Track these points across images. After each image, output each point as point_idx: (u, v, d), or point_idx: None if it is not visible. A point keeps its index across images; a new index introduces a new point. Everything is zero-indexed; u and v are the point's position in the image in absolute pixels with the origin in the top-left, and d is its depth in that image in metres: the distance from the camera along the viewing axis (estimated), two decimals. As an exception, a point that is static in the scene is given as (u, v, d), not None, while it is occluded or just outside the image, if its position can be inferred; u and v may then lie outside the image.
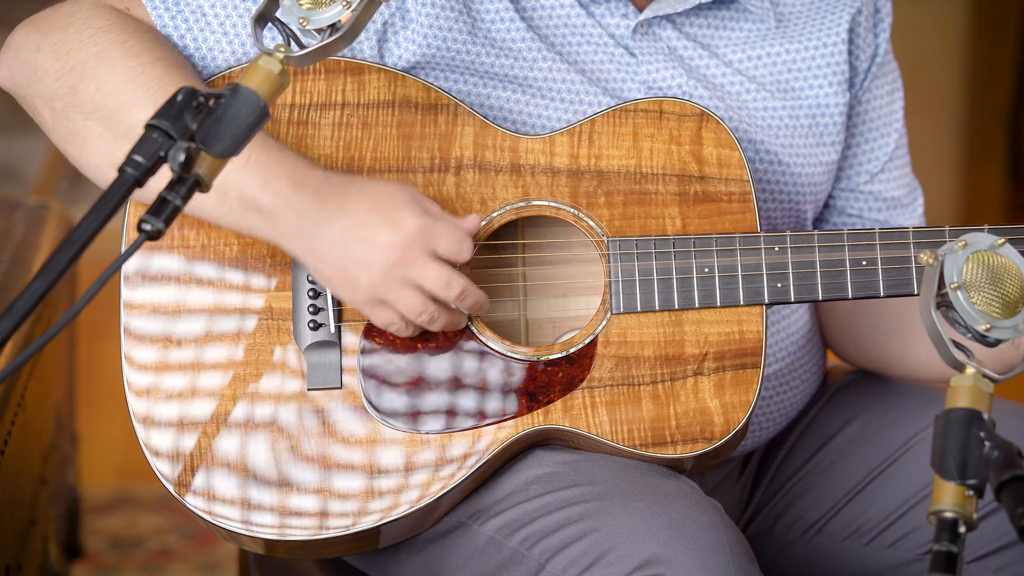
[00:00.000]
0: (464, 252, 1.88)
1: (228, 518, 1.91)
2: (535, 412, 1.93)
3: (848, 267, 1.94)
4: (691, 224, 1.96)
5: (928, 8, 5.26)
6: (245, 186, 1.86)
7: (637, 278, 1.94)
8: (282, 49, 1.67)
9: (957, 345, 1.57)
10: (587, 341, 1.94)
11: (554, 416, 1.93)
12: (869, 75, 2.16)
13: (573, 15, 2.05)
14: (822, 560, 2.18)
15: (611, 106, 1.99)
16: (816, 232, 1.95)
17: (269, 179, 1.86)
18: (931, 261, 1.62)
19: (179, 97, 1.58)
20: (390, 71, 1.98)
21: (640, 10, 2.06)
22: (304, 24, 1.72)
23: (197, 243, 1.95)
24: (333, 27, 1.72)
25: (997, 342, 1.61)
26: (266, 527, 1.91)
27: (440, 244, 1.87)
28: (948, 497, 1.48)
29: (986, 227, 1.94)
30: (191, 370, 1.93)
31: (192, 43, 1.98)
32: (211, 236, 1.95)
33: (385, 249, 1.85)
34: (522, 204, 1.97)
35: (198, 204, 1.85)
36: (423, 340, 1.94)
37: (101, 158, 1.91)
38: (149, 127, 1.56)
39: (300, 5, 1.71)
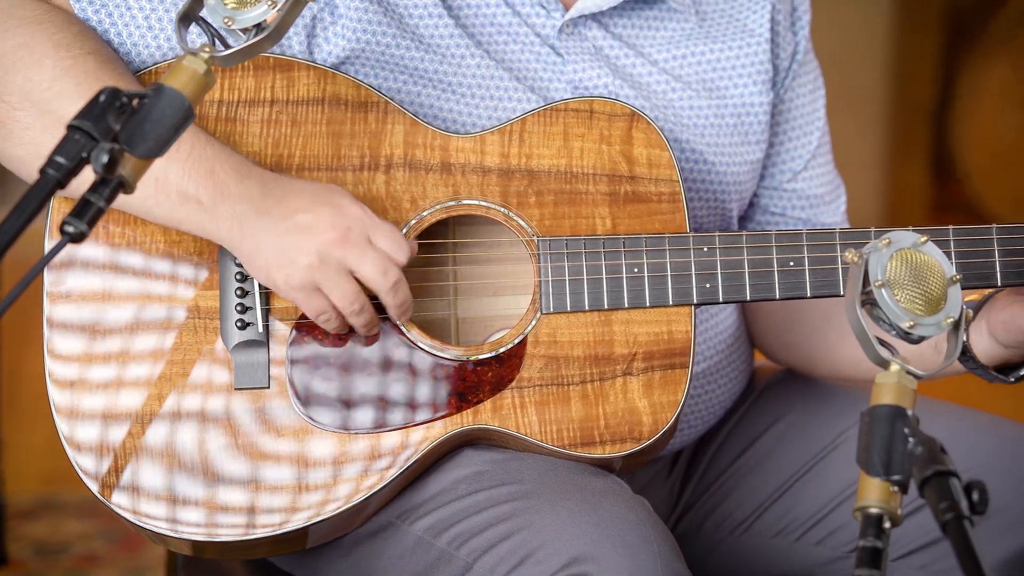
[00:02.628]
0: (401, 253, 1.88)
1: (155, 520, 1.89)
2: (464, 412, 1.93)
3: (776, 267, 1.95)
4: (621, 224, 1.96)
5: (851, 7, 5.31)
6: (187, 176, 1.85)
7: (567, 278, 1.95)
8: (207, 49, 1.65)
9: (882, 342, 1.58)
10: (517, 341, 1.94)
11: (483, 416, 1.93)
12: (790, 73, 2.18)
13: (499, 14, 2.05)
14: (751, 558, 2.19)
15: (542, 105, 1.99)
16: (745, 233, 1.96)
17: (214, 169, 1.85)
18: (856, 259, 1.63)
19: (102, 98, 1.56)
20: (320, 68, 1.97)
21: (567, 9, 2.06)
22: (229, 24, 1.70)
23: (123, 239, 1.93)
24: (259, 27, 1.71)
25: (921, 339, 1.63)
26: (193, 528, 1.89)
27: (379, 236, 1.87)
28: (873, 493, 1.49)
29: (910, 228, 1.96)
30: (116, 369, 1.91)
31: (116, 37, 1.96)
32: (137, 232, 1.93)
33: (327, 229, 1.84)
34: (452, 203, 1.96)
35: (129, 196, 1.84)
36: (352, 339, 1.93)
37: (27, 149, 1.88)
38: (71, 128, 1.54)
39: (225, 5, 1.70)
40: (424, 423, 1.93)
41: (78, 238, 1.53)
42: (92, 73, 1.87)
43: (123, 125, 1.57)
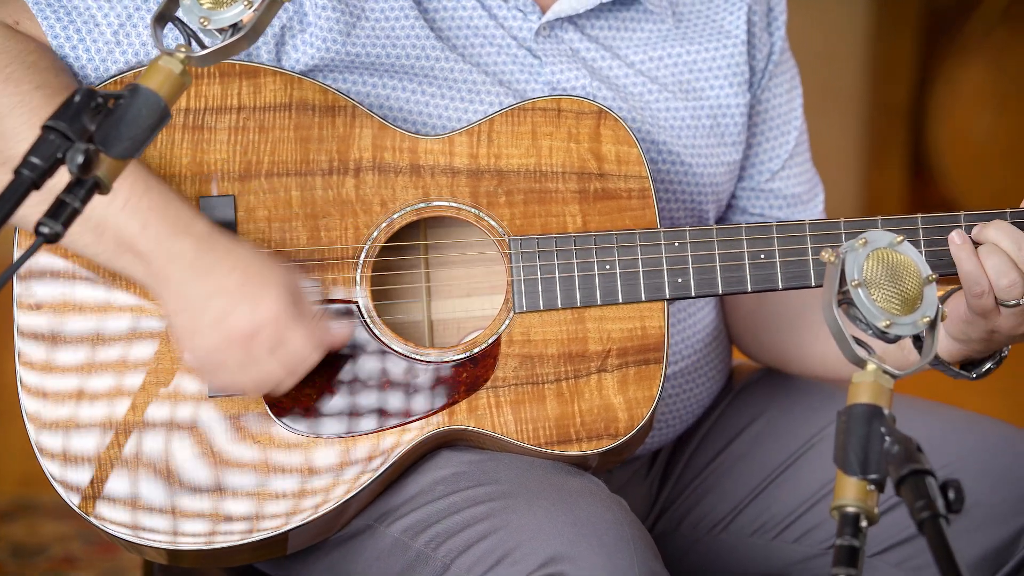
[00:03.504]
0: (307, 362, 1.86)
1: (125, 528, 1.88)
2: (440, 413, 1.93)
3: (747, 260, 1.96)
4: (592, 221, 1.97)
5: (828, 7, 5.32)
6: (123, 227, 1.84)
7: (539, 277, 1.95)
8: (183, 49, 1.64)
9: (858, 342, 1.59)
10: (491, 341, 1.94)
11: (459, 417, 1.93)
12: (766, 74, 2.18)
13: (475, 16, 2.05)
14: (729, 556, 2.20)
15: (509, 105, 1.99)
16: (715, 227, 1.97)
17: (149, 223, 1.84)
18: (832, 259, 1.63)
19: (77, 98, 1.55)
20: (286, 73, 1.96)
21: (544, 12, 2.06)
22: (205, 24, 1.69)
23: None
24: (235, 27, 1.70)
25: (897, 338, 1.63)
26: (168, 538, 1.88)
27: (290, 343, 1.84)
28: (850, 492, 1.49)
29: (879, 218, 1.97)
30: (88, 379, 1.90)
31: (85, 53, 1.95)
32: None
33: (236, 326, 1.83)
34: (423, 205, 1.96)
35: (74, 239, 1.84)
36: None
37: None
38: (46, 128, 1.53)
39: (201, 5, 1.69)
40: (400, 426, 1.92)
41: (53, 239, 1.52)
42: (41, 109, 1.85)
43: (98, 125, 1.56)
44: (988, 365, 1.97)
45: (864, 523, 1.48)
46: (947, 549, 1.43)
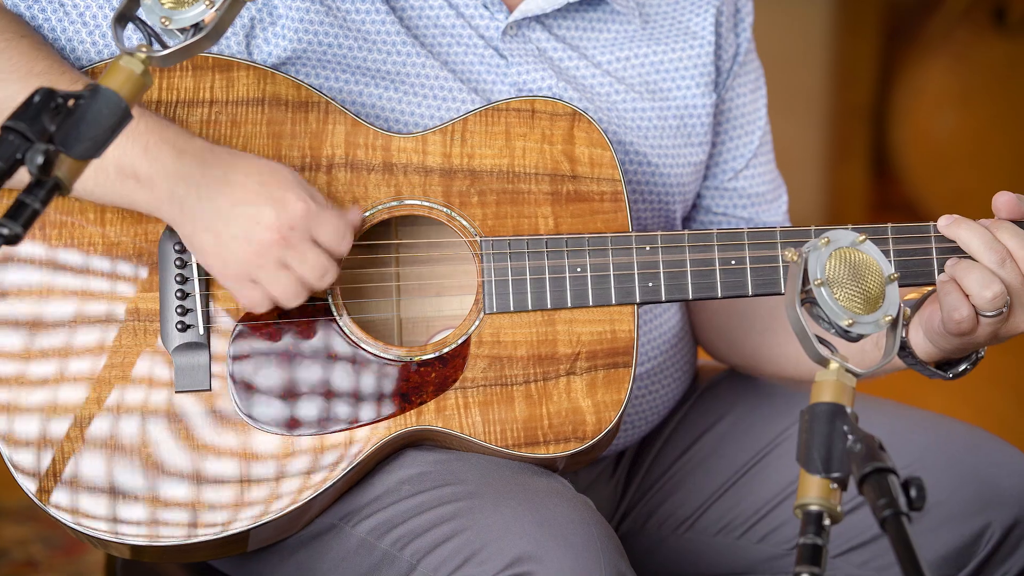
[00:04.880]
0: (344, 245, 1.87)
1: (95, 523, 1.87)
2: (408, 413, 1.93)
3: (718, 266, 1.96)
4: (564, 223, 1.97)
5: (790, 8, 5.34)
6: (123, 153, 1.83)
7: (510, 278, 1.95)
8: (144, 49, 1.63)
9: (821, 340, 1.60)
10: (460, 341, 1.94)
11: (427, 417, 1.93)
12: (731, 73, 2.19)
13: (443, 15, 2.05)
14: (694, 556, 2.20)
15: (483, 105, 1.99)
16: (686, 232, 1.97)
17: (149, 146, 1.83)
18: (795, 258, 1.64)
19: (36, 98, 1.54)
20: (259, 68, 1.96)
21: (511, 11, 2.06)
22: (166, 24, 1.68)
23: (60, 240, 1.91)
24: (196, 26, 1.70)
25: (859, 337, 1.64)
26: (134, 531, 1.87)
27: (322, 232, 1.85)
28: (813, 490, 1.50)
29: (849, 227, 1.98)
30: (56, 371, 1.89)
31: (51, 34, 1.94)
32: (75, 236, 1.91)
33: (269, 228, 1.83)
34: (395, 203, 1.96)
35: None
36: (295, 341, 1.92)
37: None
38: (5, 129, 1.53)
39: (162, 4, 1.68)
40: (367, 424, 1.92)
41: (13, 240, 1.51)
42: (27, 54, 1.85)
43: (58, 126, 1.55)
44: (964, 366, 1.98)
45: (827, 522, 1.49)
46: (909, 546, 1.44)
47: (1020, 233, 1.91)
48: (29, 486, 1.87)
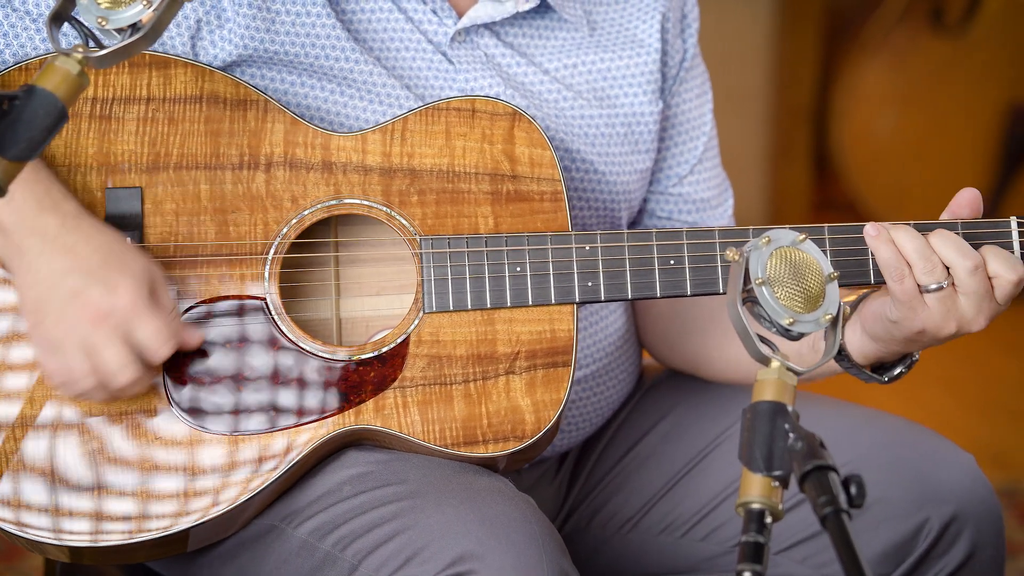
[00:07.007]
0: (162, 352, 1.83)
1: (34, 527, 1.85)
2: (347, 412, 1.92)
3: (657, 266, 1.97)
4: (504, 223, 1.97)
5: (731, 9, 5.37)
6: None
7: (449, 277, 1.94)
8: (80, 49, 1.62)
9: (763, 339, 1.60)
10: (399, 340, 1.93)
11: (366, 416, 1.92)
12: (677, 80, 2.20)
13: (392, 20, 2.04)
14: (637, 555, 2.21)
15: (423, 104, 1.98)
16: (626, 232, 1.97)
17: (14, 196, 1.81)
18: (736, 257, 1.65)
19: (-31, 99, 1.52)
20: (197, 65, 1.94)
21: (460, 17, 2.06)
22: (103, 24, 1.66)
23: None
24: (134, 27, 1.67)
25: (800, 335, 1.65)
26: (74, 534, 1.86)
27: (140, 332, 1.82)
28: (755, 489, 1.51)
29: (787, 227, 1.98)
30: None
31: (2, 39, 1.92)
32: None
33: (86, 305, 1.80)
34: (334, 202, 1.95)
35: None
36: (232, 340, 1.91)
37: None
38: (-62, 129, 1.51)
39: (98, 4, 1.66)
40: (307, 424, 1.91)
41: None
42: None
43: (-7, 127, 1.53)
44: (899, 369, 1.99)
45: (769, 519, 1.49)
46: (849, 543, 1.45)
47: (952, 242, 1.91)
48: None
